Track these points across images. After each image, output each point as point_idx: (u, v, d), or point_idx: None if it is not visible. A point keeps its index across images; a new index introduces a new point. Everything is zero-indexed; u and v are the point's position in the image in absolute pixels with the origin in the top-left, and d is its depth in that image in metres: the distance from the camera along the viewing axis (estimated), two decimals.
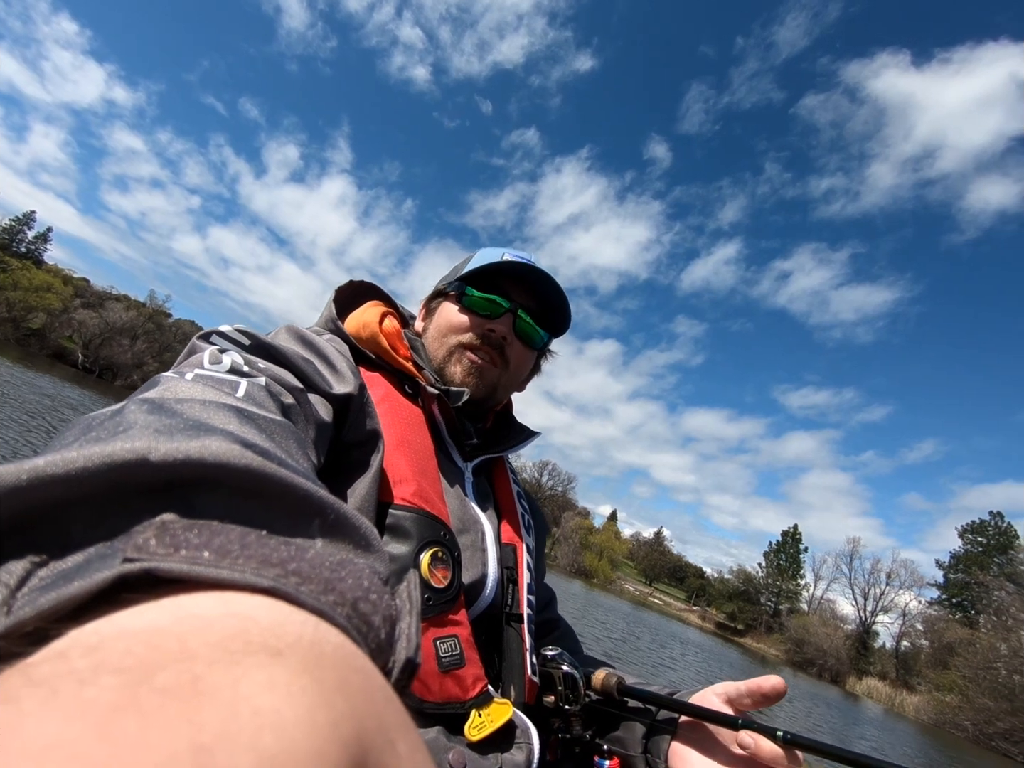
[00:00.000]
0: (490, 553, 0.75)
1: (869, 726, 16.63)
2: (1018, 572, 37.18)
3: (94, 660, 0.13)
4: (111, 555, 0.19)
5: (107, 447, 0.22)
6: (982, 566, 43.73)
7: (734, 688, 0.69)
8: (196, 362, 0.45)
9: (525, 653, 0.74)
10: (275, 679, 0.13)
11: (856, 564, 51.04)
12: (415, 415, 0.76)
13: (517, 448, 0.91)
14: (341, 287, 0.87)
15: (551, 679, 0.77)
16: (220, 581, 0.18)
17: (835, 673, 39.99)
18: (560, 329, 0.91)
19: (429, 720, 0.58)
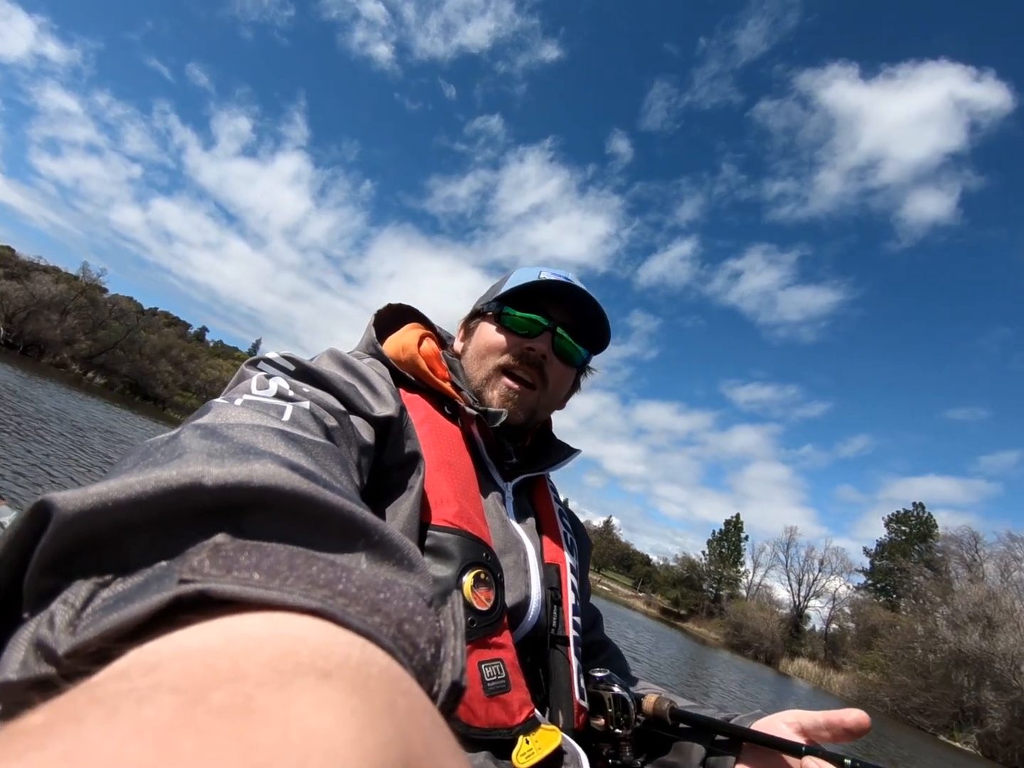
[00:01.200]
0: (533, 574, 0.74)
1: (799, 703, 17.48)
2: (936, 559, 39.93)
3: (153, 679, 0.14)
4: (168, 576, 0.20)
5: (164, 472, 0.24)
6: (904, 553, 46.67)
7: (809, 719, 0.65)
8: (244, 388, 0.47)
9: (572, 676, 0.73)
10: (325, 700, 0.14)
11: (792, 552, 53.58)
12: (455, 436, 0.76)
13: (557, 466, 0.90)
14: (380, 311, 0.87)
15: (601, 701, 0.75)
16: (270, 602, 0.18)
17: (769, 655, 41.99)
18: (600, 346, 0.90)
19: (476, 746, 0.57)
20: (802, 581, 51.89)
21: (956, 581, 34.92)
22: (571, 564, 0.83)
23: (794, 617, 49.19)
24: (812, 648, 46.10)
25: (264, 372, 0.53)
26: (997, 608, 28.63)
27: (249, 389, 0.46)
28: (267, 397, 0.46)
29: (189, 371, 54.41)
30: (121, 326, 46.93)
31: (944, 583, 35.17)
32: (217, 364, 62.20)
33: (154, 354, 49.81)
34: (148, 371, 48.59)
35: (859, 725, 0.61)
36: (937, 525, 48.36)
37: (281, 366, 0.57)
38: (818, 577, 51.53)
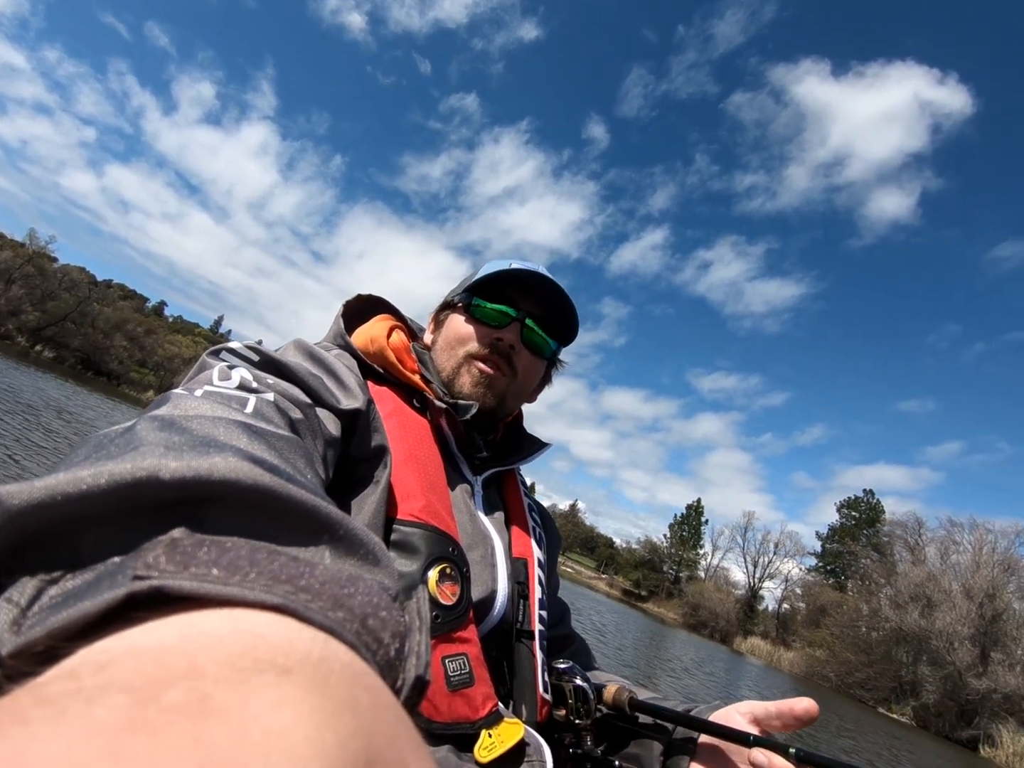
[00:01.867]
0: (500, 568, 0.74)
1: (750, 680, 18.25)
2: (882, 543, 41.90)
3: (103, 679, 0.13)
4: (121, 573, 0.19)
5: (118, 465, 0.23)
6: (854, 537, 48.84)
7: (762, 708, 0.68)
8: (205, 379, 0.45)
9: (537, 670, 0.73)
10: (284, 697, 0.13)
11: (749, 535, 55.42)
12: (423, 429, 0.76)
13: (527, 460, 0.90)
14: (349, 301, 0.86)
15: (562, 692, 0.76)
16: (229, 598, 0.18)
17: (724, 634, 43.58)
18: (569, 338, 0.90)
19: (438, 740, 0.57)
20: (757, 563, 53.89)
21: (900, 563, 36.77)
22: (539, 558, 0.83)
23: (749, 598, 51.10)
24: (765, 627, 48.06)
25: (226, 362, 0.51)
26: (936, 589, 30.34)
27: (210, 380, 0.45)
28: (229, 388, 0.44)
29: (146, 347, 52.29)
30: (72, 297, 44.68)
31: (889, 565, 37.00)
32: (176, 340, 59.99)
33: (108, 328, 47.65)
34: (101, 345, 46.56)
35: (808, 713, 0.64)
36: (884, 511, 50.75)
37: (244, 356, 0.55)
38: (772, 560, 53.59)
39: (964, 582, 30.26)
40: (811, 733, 10.31)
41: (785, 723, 0.66)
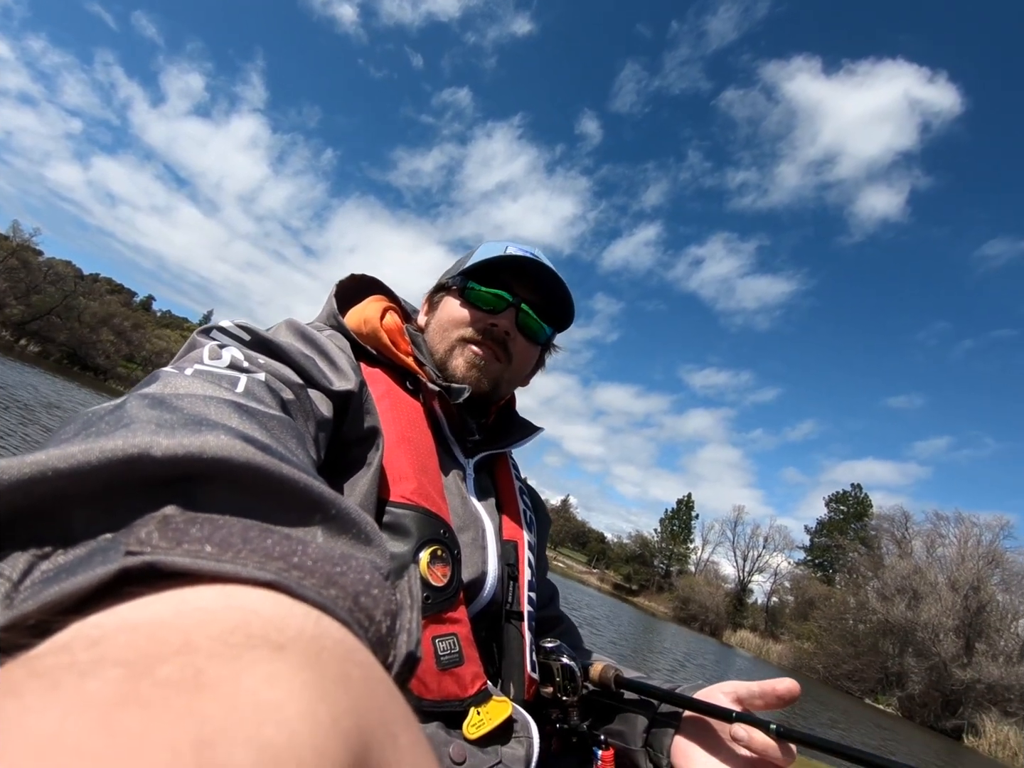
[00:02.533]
0: (490, 550, 0.75)
1: (739, 672, 18.40)
2: (869, 536, 42.44)
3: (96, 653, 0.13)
4: (113, 548, 0.19)
5: (109, 442, 0.22)
6: (842, 531, 49.44)
7: (745, 688, 0.69)
8: (196, 357, 0.45)
9: (525, 650, 0.74)
10: (277, 673, 0.13)
11: (739, 530, 55.97)
12: (416, 411, 0.75)
13: (519, 444, 0.90)
14: (342, 281, 0.85)
15: (550, 670, 0.78)
16: (222, 574, 0.18)
17: (714, 627, 44.00)
18: (564, 324, 0.90)
19: (427, 718, 0.59)
20: (747, 557, 54.44)
21: (887, 557, 37.25)
22: (529, 541, 0.84)
23: (738, 591, 51.61)
24: (754, 620, 48.59)
25: (217, 341, 0.51)
26: (922, 581, 30.78)
27: (200, 358, 0.44)
28: (220, 367, 0.44)
29: (133, 341, 51.68)
30: (57, 291, 44.04)
31: (876, 559, 37.48)
32: (164, 335, 59.40)
33: (94, 322, 47.05)
34: (88, 340, 45.98)
35: (789, 692, 0.66)
36: (872, 505, 51.36)
37: (235, 335, 0.55)
38: (762, 553, 54.18)
39: (949, 575, 30.72)
40: (802, 724, 10.42)
41: (767, 703, 0.67)
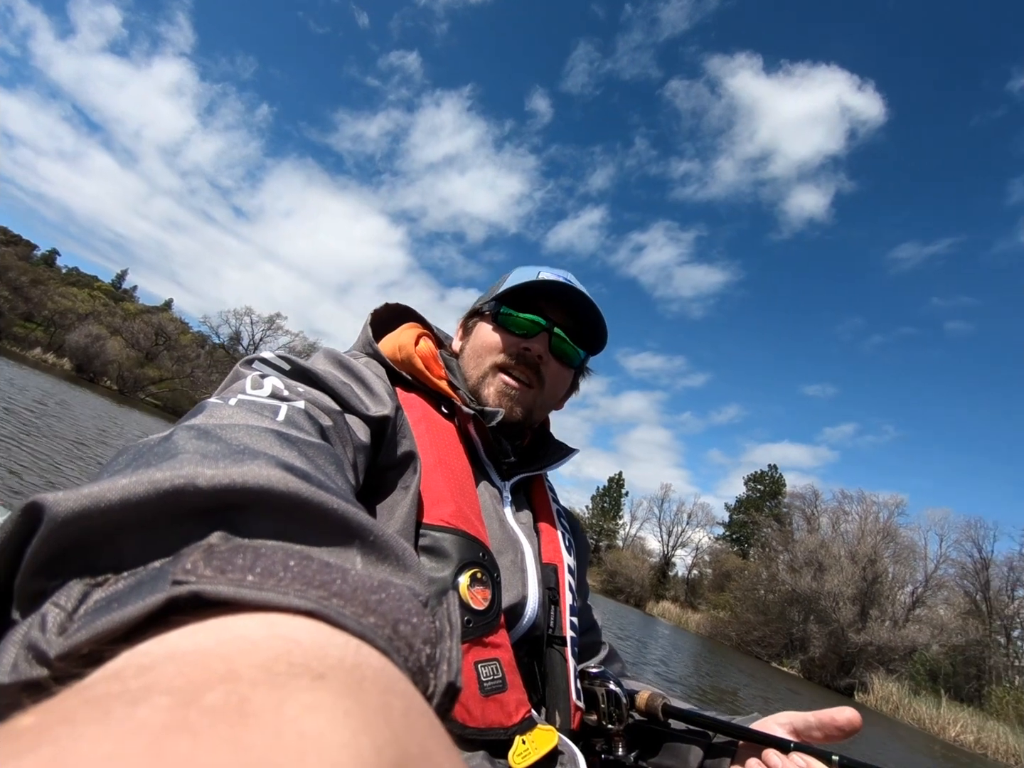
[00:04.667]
0: (530, 573, 0.74)
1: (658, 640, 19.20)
2: (782, 513, 45.35)
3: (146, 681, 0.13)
4: (161, 578, 0.19)
5: (157, 473, 0.23)
6: (758, 508, 52.45)
7: (801, 719, 0.67)
8: (239, 388, 0.47)
9: (569, 676, 0.73)
10: (318, 702, 0.13)
11: (665, 507, 58.32)
12: (452, 435, 0.77)
13: (555, 466, 0.90)
14: (377, 310, 0.87)
15: (594, 697, 0.76)
16: (265, 603, 0.18)
17: (639, 598, 45.94)
18: (597, 348, 0.91)
19: (471, 746, 0.58)
20: (672, 533, 56.95)
21: (797, 532, 39.93)
22: (569, 564, 0.83)
23: (662, 565, 54.02)
24: (675, 592, 51.09)
25: (259, 371, 0.53)
26: (827, 554, 33.22)
27: (243, 389, 0.46)
28: (262, 397, 0.46)
29: (33, 299, 46.71)
30: None
31: (787, 534, 40.10)
32: (70, 293, 54.00)
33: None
34: None
35: (851, 724, 0.62)
36: (786, 484, 54.80)
37: (276, 365, 0.57)
38: (685, 529, 56.79)
39: (851, 548, 33.31)
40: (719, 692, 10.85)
41: (827, 734, 0.64)
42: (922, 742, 16.21)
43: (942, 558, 36.35)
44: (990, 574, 35.21)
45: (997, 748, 18.64)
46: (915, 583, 34.52)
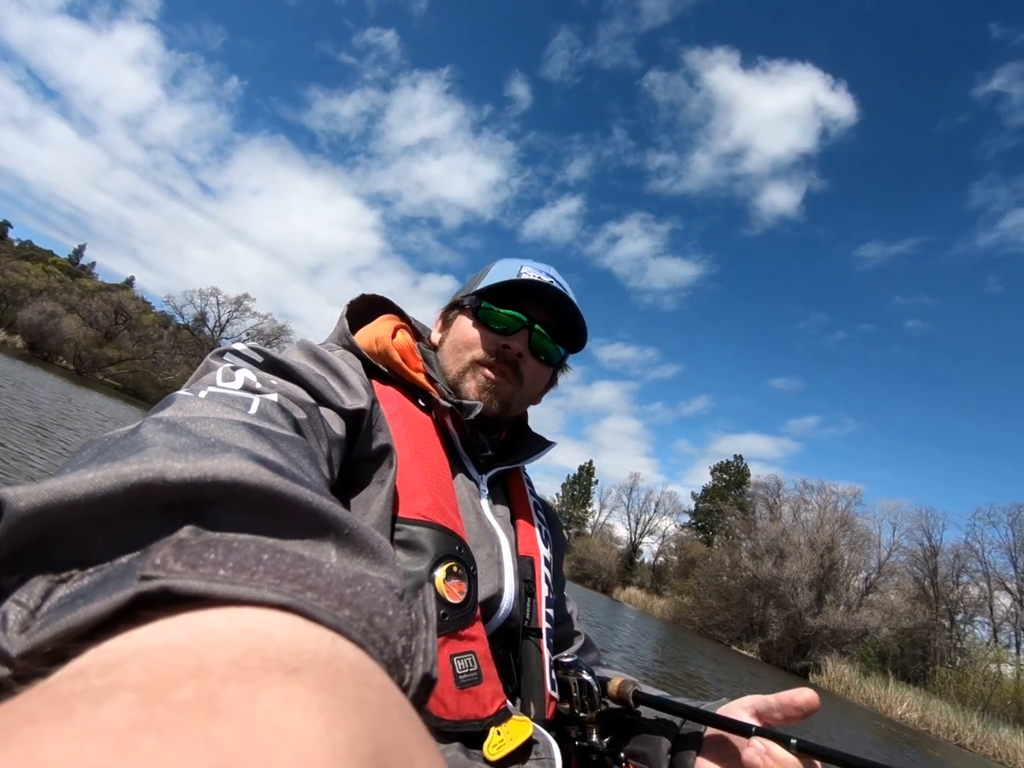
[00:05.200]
0: (507, 566, 0.75)
1: (624, 625, 19.58)
2: (746, 502, 46.62)
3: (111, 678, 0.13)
4: (129, 573, 0.19)
5: (124, 467, 0.23)
6: (723, 497, 53.79)
7: (763, 701, 0.69)
8: (209, 380, 0.46)
9: (545, 668, 0.74)
10: (292, 696, 0.13)
11: (634, 495, 59.35)
12: (429, 428, 0.77)
13: (532, 459, 0.90)
14: (353, 301, 0.86)
15: (567, 686, 0.78)
16: (237, 598, 0.18)
17: (606, 585, 46.78)
18: (577, 345, 0.91)
19: (447, 738, 0.58)
20: (639, 521, 58.05)
21: (760, 520, 41.13)
22: (545, 557, 0.83)
23: (630, 552, 55.08)
24: (641, 578, 52.18)
25: (230, 363, 0.52)
26: (787, 542, 34.32)
27: (214, 381, 0.45)
28: (233, 389, 0.45)
29: None
30: None
31: (750, 522, 41.27)
32: (23, 267, 51.41)
33: None
34: None
35: (808, 704, 0.64)
36: (750, 474, 56.28)
37: (248, 357, 0.56)
38: (652, 517, 57.95)
39: (810, 536, 34.47)
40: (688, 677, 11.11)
41: (787, 715, 0.66)
42: (870, 720, 16.99)
43: (894, 546, 38.00)
44: (938, 561, 36.96)
45: (939, 725, 19.72)
46: (869, 570, 36.04)
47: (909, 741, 14.91)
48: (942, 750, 16.04)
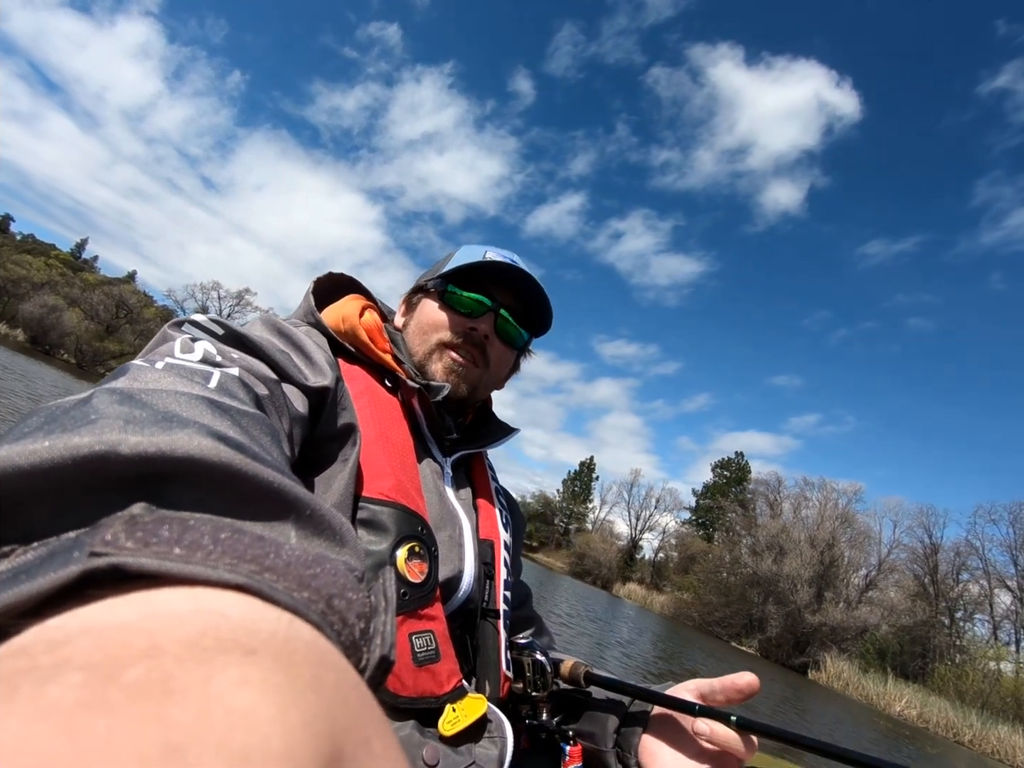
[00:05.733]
0: (467, 548, 0.76)
1: (624, 621, 19.62)
2: (747, 499, 46.67)
3: (59, 657, 0.13)
4: (77, 549, 0.18)
5: (74, 438, 0.22)
6: (724, 494, 53.82)
7: (707, 684, 0.71)
8: (167, 351, 0.44)
9: (500, 648, 0.76)
10: (247, 677, 0.13)
11: (634, 491, 59.42)
12: (394, 409, 0.76)
13: (496, 444, 0.91)
14: (320, 279, 0.86)
15: (521, 666, 0.79)
16: (192, 577, 0.17)
17: (606, 580, 46.88)
18: (541, 330, 0.92)
19: (402, 715, 0.59)
20: (640, 517, 58.09)
21: (760, 517, 41.19)
22: (505, 541, 0.84)
23: (630, 548, 55.16)
24: (641, 574, 52.27)
25: (189, 335, 0.49)
26: (787, 539, 34.38)
27: (172, 352, 0.43)
28: (192, 361, 0.42)
29: None
30: None
31: (750, 518, 41.31)
32: (25, 261, 51.47)
33: None
34: None
35: (749, 686, 0.68)
36: (751, 471, 56.29)
37: (208, 329, 0.54)
38: (653, 513, 58.03)
39: (810, 533, 34.53)
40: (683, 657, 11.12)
41: (729, 697, 0.69)
42: (869, 717, 17.02)
43: (895, 543, 38.03)
44: (938, 559, 36.99)
45: (938, 722, 19.76)
46: (869, 567, 36.09)
47: (908, 738, 14.93)
48: (941, 747, 16.06)
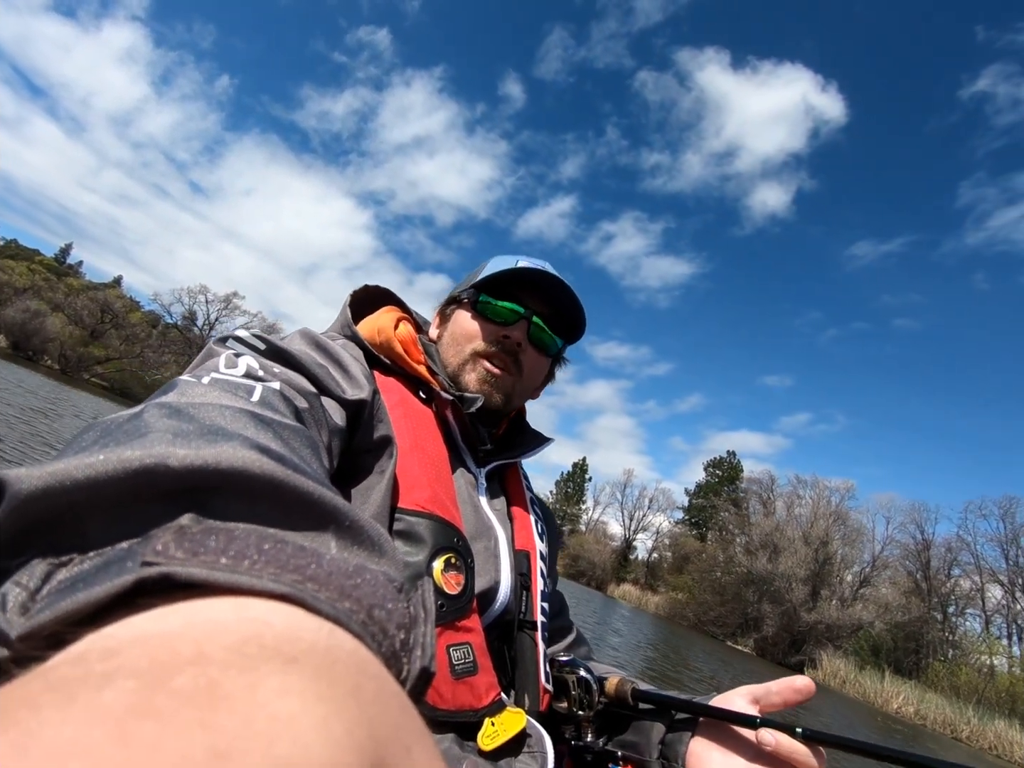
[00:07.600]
0: (503, 559, 0.76)
1: (620, 620, 19.39)
2: (740, 498, 46.67)
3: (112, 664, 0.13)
4: (130, 559, 0.19)
5: (127, 451, 0.23)
6: (716, 493, 53.84)
7: (762, 689, 0.69)
8: (212, 366, 0.46)
9: (539, 660, 0.75)
10: (290, 685, 0.13)
11: (627, 492, 59.24)
12: (429, 420, 0.77)
13: (530, 454, 0.91)
14: (356, 292, 0.87)
15: (565, 684, 0.78)
16: (237, 586, 0.18)
17: (600, 581, 46.69)
18: (574, 336, 0.92)
19: (441, 728, 0.59)
20: (633, 517, 57.93)
21: (753, 515, 41.18)
22: (541, 551, 0.84)
23: (624, 548, 54.98)
24: (636, 575, 52.11)
25: (233, 350, 0.52)
26: (781, 537, 34.35)
27: (217, 367, 0.46)
28: (236, 376, 0.45)
29: None
30: None
31: (744, 517, 41.32)
32: (7, 266, 50.48)
33: None
34: None
35: (807, 687, 0.66)
36: (743, 470, 56.38)
37: (251, 344, 0.56)
38: (646, 514, 57.86)
39: (804, 531, 34.52)
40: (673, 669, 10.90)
41: (786, 699, 0.67)
42: (866, 714, 16.91)
43: (888, 540, 38.13)
44: (930, 554, 37.11)
45: (935, 718, 19.69)
46: (862, 564, 36.12)
47: (906, 735, 14.81)
48: (939, 744, 15.95)
